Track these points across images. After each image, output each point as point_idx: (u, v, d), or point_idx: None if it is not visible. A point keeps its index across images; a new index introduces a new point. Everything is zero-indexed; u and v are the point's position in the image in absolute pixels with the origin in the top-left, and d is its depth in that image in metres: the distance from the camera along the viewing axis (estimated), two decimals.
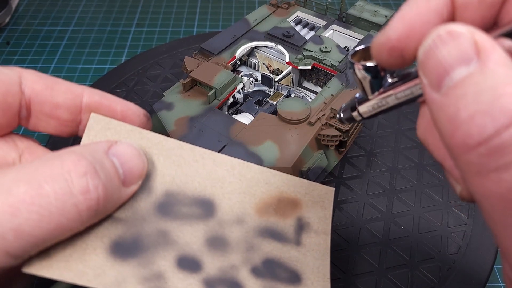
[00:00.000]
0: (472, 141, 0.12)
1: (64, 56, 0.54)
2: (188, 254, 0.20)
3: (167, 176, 0.21)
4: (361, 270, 0.33)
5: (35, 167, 0.17)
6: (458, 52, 0.12)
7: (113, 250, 0.19)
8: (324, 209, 0.23)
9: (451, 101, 0.12)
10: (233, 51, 0.41)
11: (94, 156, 0.18)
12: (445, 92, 0.13)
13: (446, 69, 0.13)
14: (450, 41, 0.13)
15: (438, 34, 0.13)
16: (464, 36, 0.12)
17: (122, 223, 0.20)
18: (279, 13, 0.46)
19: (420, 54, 0.14)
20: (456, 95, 0.12)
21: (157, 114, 0.35)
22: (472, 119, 0.12)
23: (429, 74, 0.13)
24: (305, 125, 0.35)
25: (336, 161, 0.38)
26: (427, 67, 0.13)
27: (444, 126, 0.13)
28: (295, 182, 0.24)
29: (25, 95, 0.20)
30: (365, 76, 0.17)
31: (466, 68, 0.12)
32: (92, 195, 0.17)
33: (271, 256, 0.21)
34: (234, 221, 0.22)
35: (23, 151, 0.21)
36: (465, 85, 0.12)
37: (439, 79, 0.13)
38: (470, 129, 0.12)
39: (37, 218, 0.16)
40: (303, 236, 0.22)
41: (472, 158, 0.12)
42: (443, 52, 0.13)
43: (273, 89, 0.43)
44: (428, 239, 0.35)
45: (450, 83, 0.12)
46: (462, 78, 0.12)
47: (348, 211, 0.36)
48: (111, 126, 0.21)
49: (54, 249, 0.18)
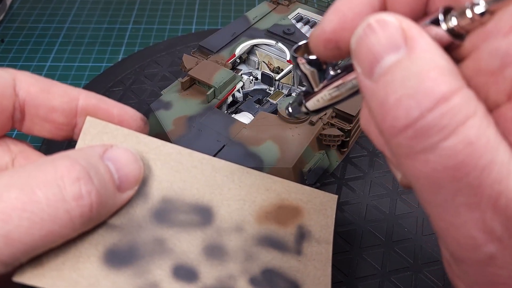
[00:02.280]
0: (400, 124, 0.12)
1: (60, 54, 0.54)
2: (185, 263, 0.20)
3: (165, 182, 0.21)
4: (364, 273, 0.32)
5: (28, 172, 0.17)
6: (387, 40, 0.13)
7: (107, 259, 0.19)
8: (326, 217, 0.23)
9: (381, 87, 0.13)
10: (233, 49, 0.41)
11: (88, 161, 0.18)
12: (376, 79, 0.13)
13: (376, 57, 0.13)
14: (379, 30, 0.13)
15: (368, 23, 0.13)
16: (393, 24, 0.13)
17: (117, 230, 0.19)
18: (280, 10, 0.46)
19: (353, 43, 0.14)
20: (385, 81, 0.13)
21: (155, 114, 0.35)
22: (399, 103, 0.12)
23: (361, 63, 0.14)
24: (306, 124, 0.34)
25: (338, 161, 0.38)
26: (359, 55, 0.14)
27: (376, 111, 0.13)
28: (297, 189, 0.23)
29: (19, 97, 0.20)
30: (307, 69, 0.17)
31: (395, 55, 0.13)
32: (85, 201, 0.17)
33: (270, 266, 0.21)
34: (233, 229, 0.21)
35: (16, 155, 0.21)
36: (393, 71, 0.13)
37: (370, 67, 0.13)
38: (398, 112, 0.12)
39: (28, 225, 0.16)
40: (304, 245, 0.22)
41: (401, 141, 0.13)
42: (373, 41, 0.13)
43: (274, 88, 0.43)
44: (432, 242, 0.34)
45: (380, 70, 0.13)
46: (391, 64, 0.13)
47: (350, 212, 0.36)
48: (107, 130, 0.21)
49: (47, 257, 0.18)
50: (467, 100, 0.12)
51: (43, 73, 0.50)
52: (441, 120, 0.12)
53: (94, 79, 0.48)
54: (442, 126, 0.12)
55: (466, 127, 0.12)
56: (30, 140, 0.42)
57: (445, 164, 0.12)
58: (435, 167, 0.12)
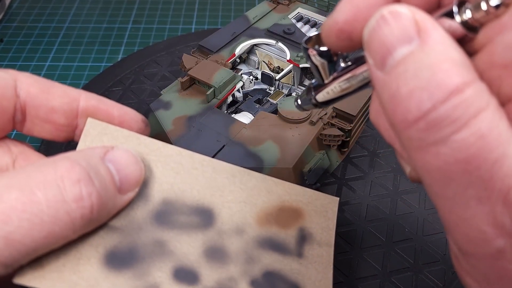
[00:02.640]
0: (412, 116, 0.12)
1: (59, 53, 0.53)
2: (185, 266, 0.20)
3: (165, 183, 0.21)
4: (364, 274, 0.32)
5: (28, 173, 0.17)
6: (400, 32, 0.13)
7: (107, 260, 0.19)
8: (327, 219, 0.23)
9: (393, 79, 0.13)
10: (233, 48, 0.41)
11: (89, 162, 0.18)
12: (388, 70, 0.13)
13: (389, 49, 0.13)
14: (393, 21, 0.13)
15: (381, 14, 0.13)
16: (406, 16, 0.13)
17: (117, 232, 0.19)
18: (280, 10, 0.46)
19: (365, 34, 0.14)
20: (397, 72, 0.13)
21: (155, 114, 0.35)
22: (411, 95, 0.12)
23: (373, 54, 0.14)
24: (306, 124, 0.34)
25: (338, 161, 0.38)
26: (371, 47, 0.14)
27: (387, 104, 0.13)
28: (298, 191, 0.23)
29: (20, 98, 0.20)
30: (318, 60, 0.17)
31: (407, 47, 0.13)
32: (86, 202, 0.17)
33: (271, 269, 0.21)
34: (234, 231, 0.21)
35: (17, 156, 0.21)
36: (406, 62, 0.13)
37: (383, 59, 0.13)
38: (410, 104, 0.12)
39: (28, 226, 0.16)
40: (305, 248, 0.22)
41: (412, 133, 0.13)
42: (385, 32, 0.13)
43: (274, 87, 0.43)
44: (433, 242, 0.34)
45: (393, 61, 0.13)
46: (403, 56, 0.13)
47: (351, 213, 0.36)
48: (108, 132, 0.21)
49: (47, 259, 0.17)
50: (480, 92, 0.12)
51: (42, 73, 0.50)
52: (454, 112, 0.12)
53: (93, 79, 0.48)
54: (454, 119, 0.12)
55: (479, 120, 0.12)
56: (29, 140, 0.42)
57: (456, 157, 0.12)
58: (446, 160, 0.12)
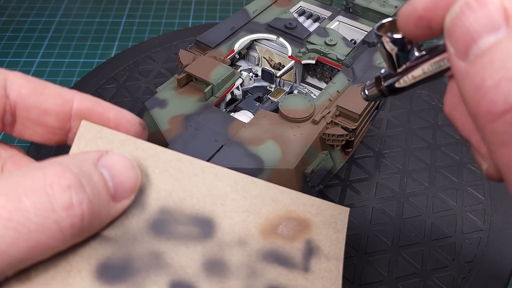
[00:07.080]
0: (498, 109, 0.12)
1: (50, 49, 0.53)
2: (183, 279, 0.19)
3: (163, 191, 0.20)
4: (369, 280, 0.32)
5: (15, 178, 0.16)
6: (486, 20, 0.13)
7: (100, 273, 0.18)
8: (336, 231, 0.22)
9: (477, 69, 0.13)
10: (232, 44, 0.41)
11: (80, 167, 0.18)
12: (471, 60, 0.13)
13: (474, 37, 0.13)
14: (478, 8, 0.13)
15: (465, 1, 0.13)
16: (493, 3, 0.13)
17: (111, 243, 0.19)
18: (281, 4, 0.46)
19: (447, 22, 0.14)
20: (482, 63, 0.13)
21: (150, 112, 0.35)
22: (498, 87, 0.12)
23: (456, 43, 0.13)
24: (308, 123, 0.34)
25: (342, 162, 0.38)
26: (454, 35, 0.13)
27: (469, 95, 0.13)
28: (305, 200, 0.22)
29: (10, 99, 0.20)
30: (392, 48, 0.17)
31: (494, 36, 0.12)
32: (76, 211, 0.17)
33: (275, 284, 0.20)
34: (236, 243, 0.20)
35: (6, 160, 0.21)
36: (492, 52, 0.12)
37: (466, 48, 0.13)
38: (496, 96, 0.12)
39: (14, 235, 0.15)
40: (312, 262, 0.21)
41: (498, 127, 0.12)
42: (470, 20, 0.13)
43: (275, 85, 0.42)
44: (441, 246, 0.34)
45: (478, 51, 0.13)
46: (489, 45, 0.12)
47: (355, 216, 0.36)
48: (103, 135, 0.20)
49: (35, 271, 0.17)
50: None
51: (32, 70, 0.50)
52: None
53: (85, 75, 0.48)
54: None
55: None
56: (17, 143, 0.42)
57: None
58: None
